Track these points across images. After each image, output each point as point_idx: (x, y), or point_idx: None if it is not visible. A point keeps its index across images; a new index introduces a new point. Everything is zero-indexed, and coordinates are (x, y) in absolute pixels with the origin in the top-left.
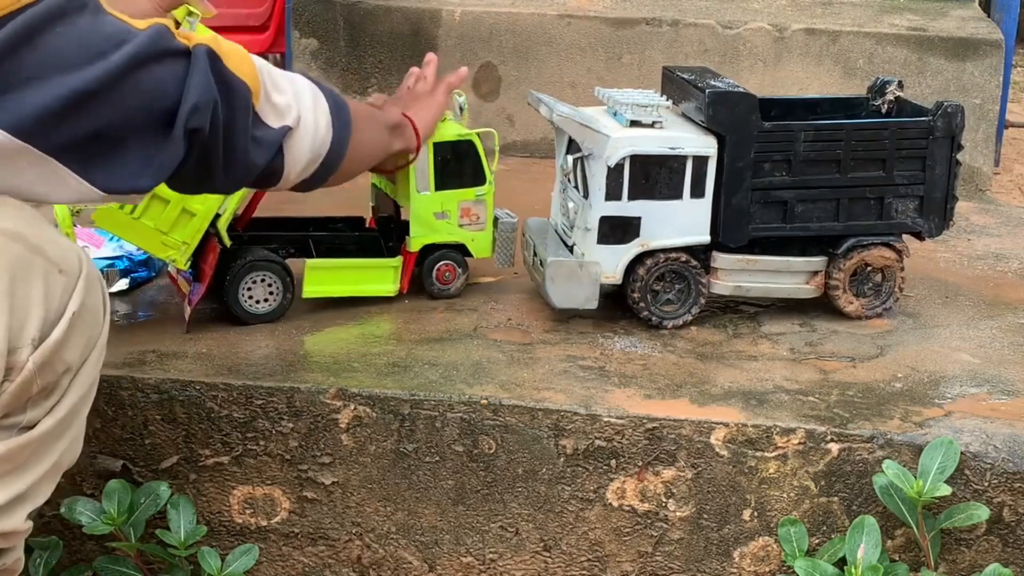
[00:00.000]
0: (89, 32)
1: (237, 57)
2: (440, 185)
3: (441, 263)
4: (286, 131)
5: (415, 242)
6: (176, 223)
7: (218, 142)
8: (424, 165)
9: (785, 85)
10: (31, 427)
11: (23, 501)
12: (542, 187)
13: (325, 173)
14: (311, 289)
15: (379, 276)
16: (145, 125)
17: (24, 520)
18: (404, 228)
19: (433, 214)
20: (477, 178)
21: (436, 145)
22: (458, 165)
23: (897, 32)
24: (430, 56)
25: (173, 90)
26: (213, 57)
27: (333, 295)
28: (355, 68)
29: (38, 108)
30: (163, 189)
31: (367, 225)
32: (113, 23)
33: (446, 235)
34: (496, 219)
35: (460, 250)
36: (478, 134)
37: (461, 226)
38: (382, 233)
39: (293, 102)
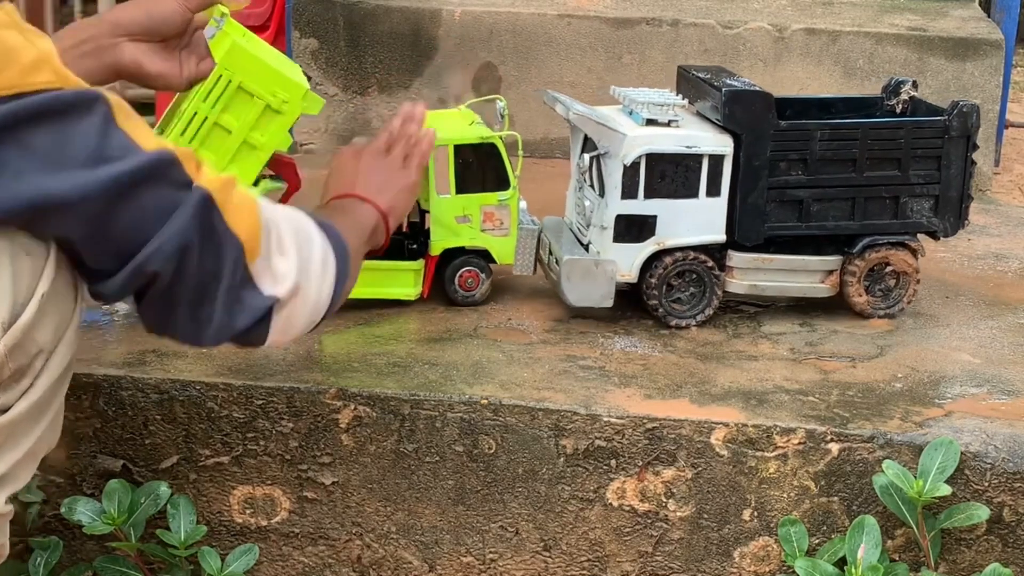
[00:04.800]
0: (88, 138)
1: (240, 210)
2: (461, 188)
3: (464, 270)
4: (274, 302)
5: (436, 246)
6: None
7: (184, 290)
8: (445, 168)
9: (785, 85)
10: (5, 410)
11: (1, 484)
12: (542, 187)
13: (317, 325)
14: None
15: (400, 279)
16: (106, 248)
17: (4, 503)
18: (429, 232)
19: (454, 218)
20: (500, 182)
21: (457, 148)
22: (480, 168)
23: (897, 32)
24: (408, 111)
25: (152, 223)
26: (208, 205)
27: (352, 297)
28: (355, 68)
29: (4, 206)
30: None
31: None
32: (119, 137)
33: (468, 239)
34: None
35: (483, 255)
36: (501, 137)
37: (484, 231)
38: (407, 236)
39: (294, 271)
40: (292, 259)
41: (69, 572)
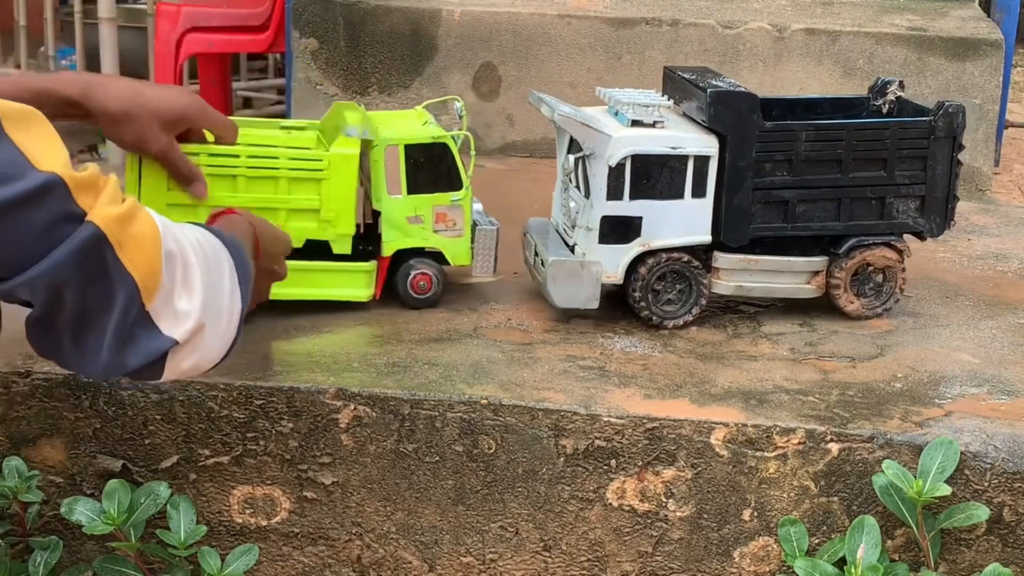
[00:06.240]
0: None
1: (138, 247)
2: (412, 189)
3: (415, 272)
4: (172, 344)
5: (387, 247)
6: None
7: (64, 320)
8: (396, 168)
9: (785, 85)
10: None
11: None
12: (542, 187)
13: (223, 360)
14: (275, 291)
15: (351, 280)
16: None
17: None
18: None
19: (406, 218)
20: (453, 183)
21: (408, 147)
22: (432, 168)
23: (897, 32)
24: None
25: (28, 252)
26: (96, 243)
27: (300, 298)
28: (355, 68)
29: None
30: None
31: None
32: (9, 151)
33: (420, 240)
34: (474, 225)
35: (436, 257)
36: (453, 137)
37: (436, 231)
38: (360, 237)
39: (198, 312)
40: (197, 295)
41: (69, 572)
